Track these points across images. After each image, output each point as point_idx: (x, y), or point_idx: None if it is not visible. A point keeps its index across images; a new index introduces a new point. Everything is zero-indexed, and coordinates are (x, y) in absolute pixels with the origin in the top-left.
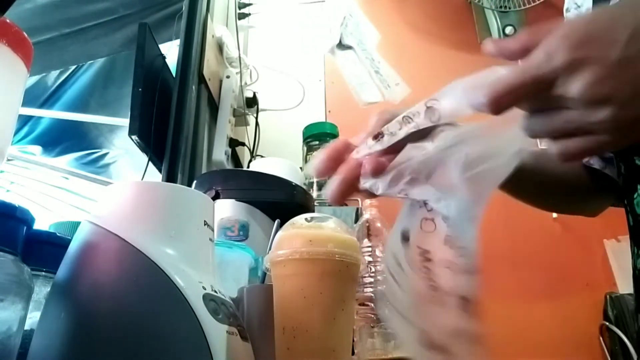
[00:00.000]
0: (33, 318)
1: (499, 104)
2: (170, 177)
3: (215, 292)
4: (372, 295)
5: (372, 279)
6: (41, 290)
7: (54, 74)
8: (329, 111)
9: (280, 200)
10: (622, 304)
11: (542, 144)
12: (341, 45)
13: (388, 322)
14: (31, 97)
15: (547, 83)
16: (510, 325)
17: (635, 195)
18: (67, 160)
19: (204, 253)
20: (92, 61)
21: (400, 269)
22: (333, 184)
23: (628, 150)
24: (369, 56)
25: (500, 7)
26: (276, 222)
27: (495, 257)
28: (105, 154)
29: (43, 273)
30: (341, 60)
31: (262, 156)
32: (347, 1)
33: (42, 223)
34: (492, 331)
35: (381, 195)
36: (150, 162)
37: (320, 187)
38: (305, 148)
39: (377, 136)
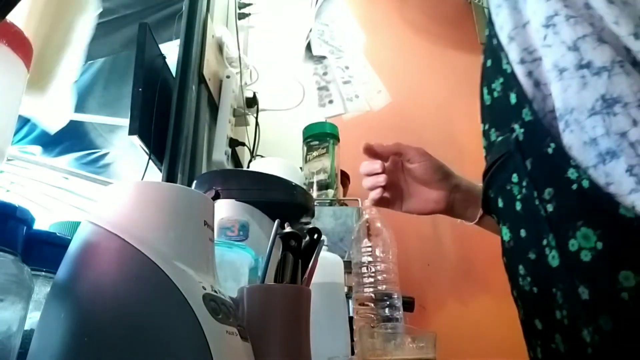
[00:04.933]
0: (33, 318)
1: None
2: (170, 177)
3: (215, 292)
4: (372, 295)
5: (372, 279)
6: (41, 290)
7: None
8: None
9: (280, 200)
10: None
11: None
12: (312, 56)
13: None
14: None
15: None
16: (507, 324)
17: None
18: (67, 160)
19: (204, 253)
20: (92, 61)
21: None
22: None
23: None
24: (342, 65)
25: None
26: (276, 222)
27: (495, 256)
28: (105, 154)
29: (43, 273)
30: (310, 71)
31: (262, 156)
32: (335, 5)
33: (42, 223)
34: (490, 329)
35: None
36: (150, 162)
37: (321, 187)
38: (305, 148)
39: None
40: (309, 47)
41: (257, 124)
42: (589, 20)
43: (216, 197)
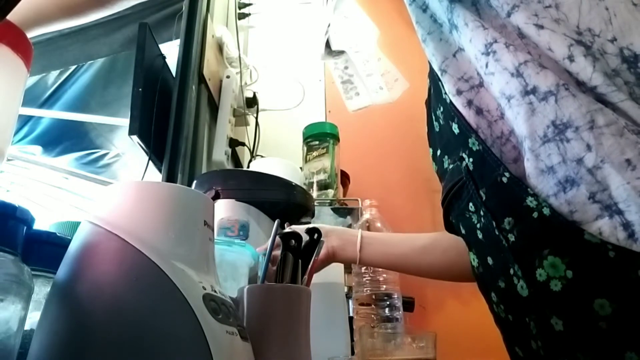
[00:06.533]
0: (33, 318)
1: None
2: (170, 177)
3: (215, 292)
4: (372, 295)
5: (372, 279)
6: (41, 290)
7: (54, 74)
8: (329, 111)
9: (280, 200)
10: None
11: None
12: (331, 51)
13: None
14: (31, 97)
15: None
16: None
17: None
18: (67, 160)
19: (204, 253)
20: (92, 61)
21: None
22: None
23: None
24: (361, 58)
25: None
26: (276, 222)
27: None
28: (105, 154)
29: (43, 273)
30: (331, 66)
31: (262, 156)
32: (344, 2)
33: (42, 223)
34: (490, 330)
35: None
36: (150, 162)
37: (321, 187)
38: (305, 148)
39: None
40: (327, 43)
41: (257, 124)
42: (525, 49)
43: (216, 197)
